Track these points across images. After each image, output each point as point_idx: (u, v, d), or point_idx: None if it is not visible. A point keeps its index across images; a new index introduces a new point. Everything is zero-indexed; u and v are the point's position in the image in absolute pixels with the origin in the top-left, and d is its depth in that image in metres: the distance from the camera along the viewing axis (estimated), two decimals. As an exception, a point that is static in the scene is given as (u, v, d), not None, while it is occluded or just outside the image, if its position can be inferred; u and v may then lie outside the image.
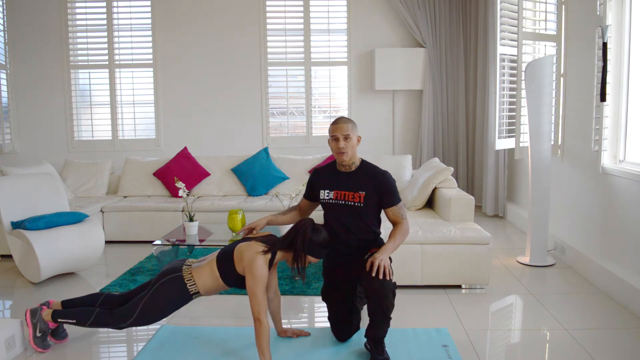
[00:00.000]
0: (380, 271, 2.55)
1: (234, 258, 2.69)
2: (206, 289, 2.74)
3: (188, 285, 2.71)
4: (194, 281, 2.72)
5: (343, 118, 2.87)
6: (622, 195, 3.61)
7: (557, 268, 4.29)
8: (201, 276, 2.73)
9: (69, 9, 6.54)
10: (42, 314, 2.87)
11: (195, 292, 2.73)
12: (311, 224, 2.72)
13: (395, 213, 2.84)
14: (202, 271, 2.74)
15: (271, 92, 6.71)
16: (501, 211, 6.14)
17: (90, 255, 4.19)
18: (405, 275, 3.71)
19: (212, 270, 2.72)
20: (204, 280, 2.72)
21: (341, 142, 2.80)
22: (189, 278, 2.72)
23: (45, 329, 2.87)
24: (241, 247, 2.70)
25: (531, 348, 2.98)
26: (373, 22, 6.56)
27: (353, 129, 2.83)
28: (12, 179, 4.29)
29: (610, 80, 3.74)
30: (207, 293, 2.77)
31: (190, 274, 2.73)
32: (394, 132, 6.69)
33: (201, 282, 2.72)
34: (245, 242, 2.73)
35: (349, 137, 2.80)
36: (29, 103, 6.64)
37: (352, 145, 2.82)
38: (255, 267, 2.58)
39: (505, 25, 4.87)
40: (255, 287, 2.56)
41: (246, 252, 2.65)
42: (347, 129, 2.80)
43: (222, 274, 2.71)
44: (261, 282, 2.57)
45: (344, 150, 2.80)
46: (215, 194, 5.72)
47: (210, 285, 2.73)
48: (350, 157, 2.84)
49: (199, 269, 2.75)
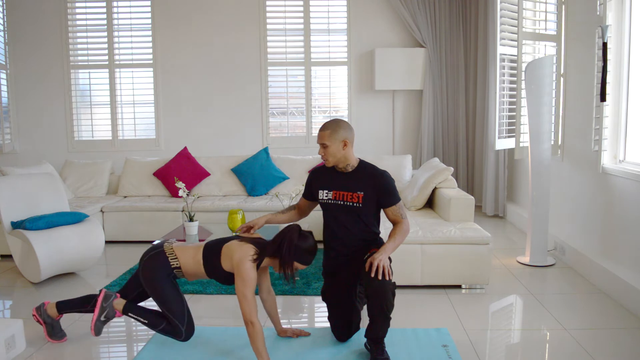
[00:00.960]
0: (379, 271, 2.54)
1: (222, 253, 2.71)
2: (187, 269, 2.79)
3: (170, 258, 2.77)
4: (176, 256, 2.78)
5: (326, 124, 2.86)
6: (622, 195, 3.61)
7: (557, 268, 4.29)
8: (184, 256, 2.78)
9: (69, 9, 6.54)
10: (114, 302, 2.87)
11: (176, 267, 2.77)
12: (297, 230, 2.71)
13: (394, 213, 2.84)
14: (186, 252, 2.80)
15: (271, 92, 6.71)
16: (501, 211, 6.14)
17: (90, 255, 4.19)
18: (405, 275, 3.71)
19: (196, 256, 2.77)
20: (187, 260, 2.78)
21: (320, 149, 2.84)
22: (170, 252, 2.79)
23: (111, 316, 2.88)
24: (232, 245, 2.70)
25: (531, 348, 2.98)
26: (373, 22, 6.56)
27: (331, 135, 2.79)
28: (12, 179, 4.29)
29: (610, 80, 3.74)
30: (187, 274, 2.81)
31: (171, 249, 2.80)
32: (394, 132, 6.69)
33: (183, 261, 2.78)
34: (236, 240, 2.74)
35: (326, 146, 2.80)
36: (29, 103, 6.64)
37: (331, 152, 2.81)
38: (244, 270, 2.58)
39: (505, 25, 4.87)
40: (245, 289, 2.56)
41: (236, 252, 2.65)
42: (323, 137, 2.81)
43: (206, 265, 2.75)
44: (251, 285, 2.58)
45: (323, 158, 2.85)
46: (215, 194, 5.72)
47: (191, 268, 2.78)
48: (333, 163, 2.85)
49: (182, 249, 2.81)
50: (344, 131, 2.82)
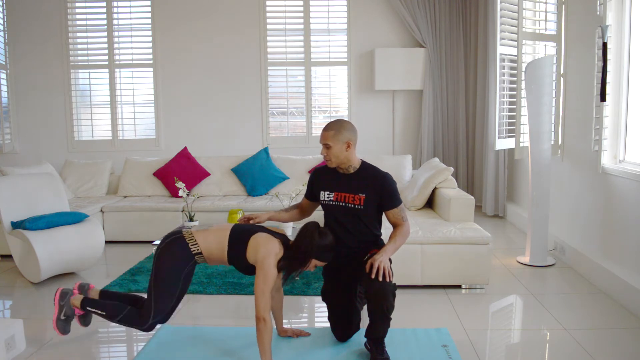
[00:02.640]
0: (379, 273, 2.54)
1: (249, 244, 2.65)
2: (209, 253, 2.69)
3: (190, 245, 2.66)
4: (196, 241, 2.67)
5: (329, 124, 2.84)
6: (622, 195, 3.61)
7: (557, 268, 4.29)
8: (206, 240, 2.68)
9: (69, 9, 6.54)
10: (72, 299, 2.85)
11: (197, 253, 2.67)
12: (317, 227, 2.70)
13: (395, 215, 2.83)
14: (209, 236, 2.69)
15: (271, 92, 6.71)
16: (501, 211, 6.14)
17: (90, 255, 4.19)
18: (405, 275, 3.71)
19: (221, 241, 2.68)
20: (209, 245, 2.67)
21: (323, 150, 2.83)
22: (190, 238, 2.68)
23: (70, 314, 2.86)
24: (259, 238, 2.65)
25: (531, 348, 2.98)
26: (373, 22, 6.55)
27: (335, 136, 2.77)
28: (12, 179, 4.29)
29: (610, 80, 3.74)
30: (210, 259, 2.71)
31: (191, 235, 2.69)
32: (394, 132, 6.69)
33: (205, 246, 2.67)
34: (264, 233, 2.69)
35: (329, 146, 2.79)
36: (29, 103, 6.64)
37: (334, 153, 2.80)
38: (267, 266, 2.56)
39: (505, 25, 4.87)
40: (265, 285, 2.54)
41: (262, 246, 2.61)
42: (326, 137, 2.79)
43: (230, 252, 2.67)
44: (272, 282, 2.56)
45: (326, 159, 2.83)
46: (215, 194, 5.72)
47: (214, 252, 2.68)
48: (336, 164, 2.84)
49: (203, 233, 2.71)
50: (347, 132, 2.80)
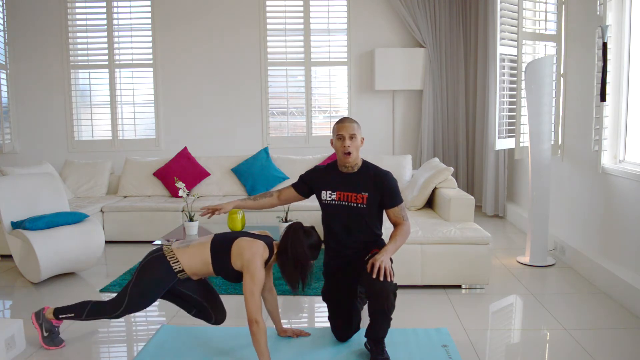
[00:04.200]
0: (380, 273, 2.54)
1: (232, 252, 2.65)
2: (191, 269, 2.70)
3: (171, 262, 2.68)
4: (177, 259, 2.68)
5: (348, 118, 2.88)
6: (622, 195, 3.61)
7: (557, 268, 4.29)
8: (187, 257, 2.69)
9: (69, 9, 6.54)
10: (45, 314, 2.92)
11: (180, 271, 2.69)
12: (301, 227, 2.71)
13: (396, 214, 2.83)
14: (190, 252, 2.70)
15: (271, 92, 6.71)
16: (501, 211, 6.14)
17: (90, 255, 4.19)
18: (405, 275, 3.71)
19: (204, 255, 2.68)
20: (190, 261, 2.69)
21: (347, 140, 2.79)
22: (170, 256, 2.69)
23: (50, 327, 2.92)
24: (242, 242, 2.66)
25: (531, 348, 2.98)
26: (373, 22, 6.56)
27: (358, 129, 2.84)
28: (12, 179, 4.29)
29: (610, 80, 3.74)
30: (194, 274, 2.73)
31: (171, 252, 2.70)
32: (394, 132, 6.69)
33: (186, 262, 2.68)
34: (245, 237, 2.70)
35: (355, 137, 2.80)
36: (29, 103, 6.64)
37: (356, 145, 2.82)
38: (254, 268, 2.56)
39: (505, 25, 4.87)
40: (253, 287, 2.54)
41: (247, 249, 2.61)
42: (352, 128, 2.81)
43: (215, 263, 2.68)
44: (260, 283, 2.56)
45: (349, 150, 2.79)
46: (215, 194, 5.72)
47: (197, 268, 2.70)
48: (354, 157, 2.83)
49: (183, 250, 2.72)
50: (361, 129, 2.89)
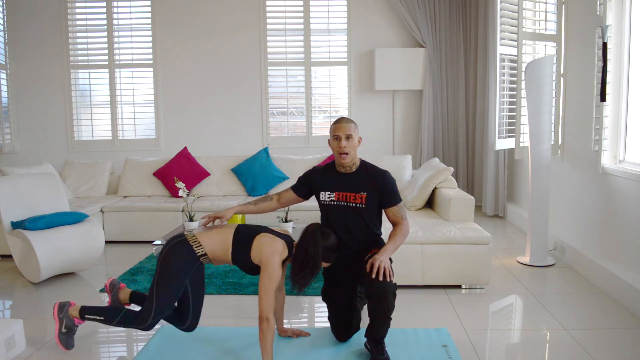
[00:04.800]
0: (380, 273, 2.54)
1: (253, 246, 2.65)
2: (214, 254, 2.68)
3: (194, 247, 2.65)
4: (200, 243, 2.66)
5: (345, 118, 2.88)
6: (622, 195, 3.62)
7: (557, 268, 4.29)
8: (211, 241, 2.67)
9: (69, 9, 6.54)
10: (69, 310, 2.84)
11: (202, 255, 2.66)
12: (319, 228, 2.69)
13: (395, 213, 2.84)
14: (211, 237, 2.68)
15: (271, 92, 6.71)
16: (501, 211, 6.14)
17: (90, 255, 4.19)
18: (405, 275, 3.71)
19: (226, 242, 2.67)
20: (214, 245, 2.67)
21: (343, 141, 2.78)
22: (193, 240, 2.67)
23: (71, 326, 2.85)
24: (263, 239, 2.65)
25: (531, 348, 2.98)
26: (373, 22, 6.55)
27: (355, 129, 2.83)
28: (12, 179, 4.29)
29: (610, 80, 3.74)
30: (215, 259, 2.70)
31: (194, 237, 2.68)
32: (394, 132, 6.69)
33: (209, 246, 2.66)
34: (268, 233, 2.69)
35: (351, 137, 2.79)
36: (29, 103, 6.64)
37: (353, 145, 2.82)
38: (272, 266, 2.56)
39: (505, 25, 4.87)
40: (269, 285, 2.54)
41: (267, 246, 2.61)
42: (349, 129, 2.80)
43: (235, 252, 2.67)
44: (276, 281, 2.57)
45: (345, 150, 2.79)
46: (215, 194, 5.72)
47: (218, 252, 2.68)
48: (351, 157, 2.83)
49: (206, 234, 2.70)
50: (358, 129, 2.88)
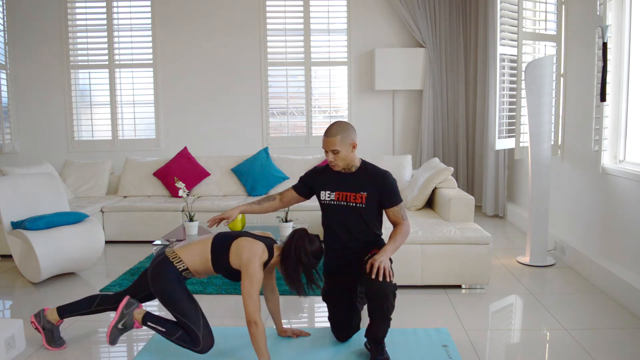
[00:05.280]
0: (380, 273, 2.54)
1: (231, 250, 2.66)
2: (195, 268, 2.72)
3: (175, 262, 2.69)
4: (180, 258, 2.70)
5: (332, 129, 2.78)
6: (622, 195, 3.61)
7: (557, 268, 4.29)
8: (188, 254, 2.71)
9: (69, 9, 6.54)
10: (135, 311, 2.79)
11: (184, 269, 2.70)
12: (305, 233, 2.71)
13: (395, 214, 2.83)
14: (191, 251, 2.72)
15: (271, 92, 6.71)
16: (501, 211, 6.14)
17: (90, 255, 4.19)
18: (405, 275, 3.71)
19: (204, 253, 2.70)
20: (193, 259, 2.70)
21: (330, 156, 2.79)
22: (173, 257, 2.70)
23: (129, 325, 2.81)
24: (242, 242, 2.66)
25: (531, 348, 2.98)
26: (373, 22, 6.55)
27: (342, 141, 2.75)
28: (12, 179, 4.29)
29: (610, 80, 3.74)
30: (197, 273, 2.74)
31: (173, 252, 2.72)
32: (394, 132, 6.69)
33: (189, 260, 2.70)
34: (246, 237, 2.70)
35: (338, 152, 2.77)
36: (29, 103, 6.64)
37: (342, 157, 2.79)
38: (252, 269, 2.57)
39: (505, 25, 4.87)
40: (251, 288, 2.55)
41: (246, 250, 2.62)
42: (334, 144, 2.75)
43: (214, 261, 2.69)
44: (258, 284, 2.57)
45: (334, 164, 2.82)
46: (215, 194, 5.72)
47: (199, 266, 2.71)
48: (342, 167, 2.83)
49: (184, 249, 2.73)
50: (351, 134, 2.80)
